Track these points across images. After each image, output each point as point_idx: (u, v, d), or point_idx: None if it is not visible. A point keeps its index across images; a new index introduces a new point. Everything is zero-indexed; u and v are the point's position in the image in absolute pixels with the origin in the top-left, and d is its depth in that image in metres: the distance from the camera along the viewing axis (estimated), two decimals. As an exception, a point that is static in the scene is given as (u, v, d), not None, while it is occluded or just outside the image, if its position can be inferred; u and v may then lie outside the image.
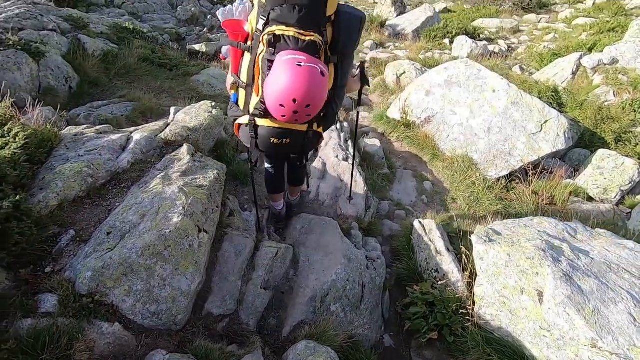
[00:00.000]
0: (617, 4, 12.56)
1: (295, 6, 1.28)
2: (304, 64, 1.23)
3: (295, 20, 1.30)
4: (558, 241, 2.04)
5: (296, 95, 1.23)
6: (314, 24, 1.33)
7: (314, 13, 1.32)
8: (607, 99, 4.99)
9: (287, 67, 1.23)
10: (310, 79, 1.23)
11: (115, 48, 4.44)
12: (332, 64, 1.46)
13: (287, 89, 1.23)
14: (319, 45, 1.34)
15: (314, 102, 1.28)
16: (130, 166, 2.05)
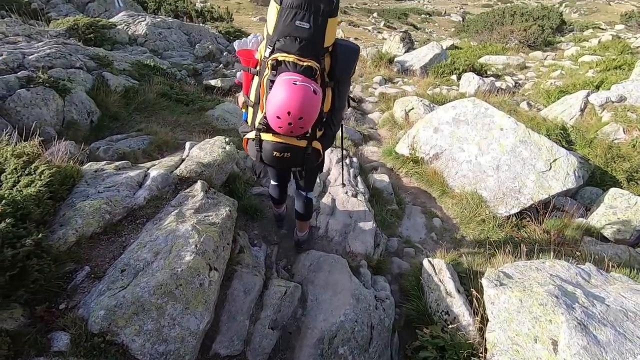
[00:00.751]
0: (622, 42, 12.83)
1: (297, 38, 1.51)
2: (298, 83, 1.44)
3: (296, 49, 1.51)
4: (571, 286, 2.00)
5: (290, 109, 1.43)
6: (312, 53, 1.53)
7: (313, 44, 1.53)
8: (616, 137, 5.00)
9: (284, 85, 1.45)
10: (303, 95, 1.43)
11: (136, 84, 4.68)
12: (329, 88, 1.67)
13: (283, 103, 1.43)
14: (314, 70, 1.53)
15: (306, 115, 1.47)
16: (146, 202, 2.12)
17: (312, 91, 1.45)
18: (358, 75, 10.10)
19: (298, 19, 1.49)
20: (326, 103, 1.67)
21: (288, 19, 1.50)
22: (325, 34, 1.53)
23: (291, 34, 1.51)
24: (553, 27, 17.44)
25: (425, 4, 61.58)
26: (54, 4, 8.99)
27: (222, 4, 22.58)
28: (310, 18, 1.48)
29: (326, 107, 1.69)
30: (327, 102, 1.68)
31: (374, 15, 34.66)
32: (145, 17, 8.25)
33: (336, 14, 1.54)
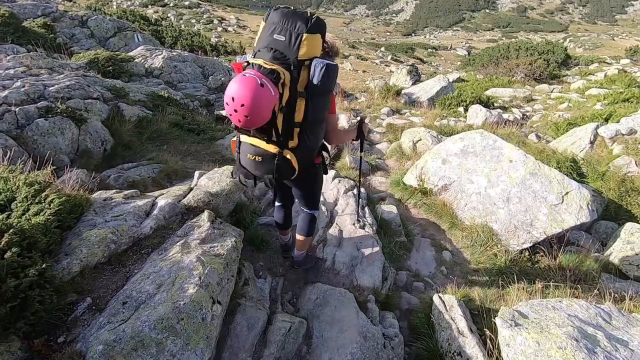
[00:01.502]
0: (629, 76, 12.95)
1: (272, 48, 1.68)
2: (248, 75, 1.54)
3: (268, 58, 1.66)
4: (592, 328, 1.90)
5: (234, 95, 1.52)
6: (282, 62, 1.66)
7: (284, 55, 1.66)
8: (629, 170, 4.93)
9: (236, 77, 1.56)
10: (247, 84, 1.51)
11: (149, 114, 4.83)
12: (302, 98, 1.71)
13: (229, 90, 1.54)
14: (277, 74, 1.62)
15: (247, 103, 1.51)
16: (152, 232, 2.11)
17: (258, 83, 1.51)
18: (366, 106, 10.30)
19: (276, 32, 1.68)
20: (298, 113, 1.72)
21: (268, 33, 1.70)
22: (300, 47, 1.65)
23: (269, 45, 1.69)
24: (558, 61, 17.76)
25: (431, 39, 63.63)
26: (77, 39, 9.51)
27: (236, 38, 23.68)
28: (287, 32, 1.66)
29: (298, 117, 1.73)
30: (298, 113, 1.73)
31: (382, 50, 35.82)
32: (162, 51, 8.65)
33: (314, 31, 1.67)
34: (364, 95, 12.09)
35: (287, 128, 1.74)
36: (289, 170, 1.83)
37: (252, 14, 39.90)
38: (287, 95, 1.68)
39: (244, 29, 30.33)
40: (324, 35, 1.76)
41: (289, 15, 1.68)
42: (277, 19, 1.69)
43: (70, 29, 9.67)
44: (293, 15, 1.67)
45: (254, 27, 30.56)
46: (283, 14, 1.68)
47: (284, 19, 1.67)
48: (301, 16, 1.67)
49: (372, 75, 18.87)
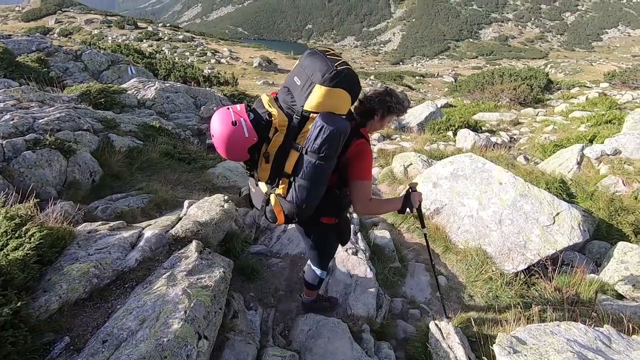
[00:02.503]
0: (609, 98, 13.43)
1: (288, 90, 1.65)
2: (229, 109, 1.57)
3: (281, 99, 1.66)
4: (592, 353, 1.84)
5: (211, 123, 1.59)
6: (288, 108, 1.62)
7: (293, 99, 1.60)
8: (617, 189, 4.99)
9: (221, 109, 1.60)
10: (221, 118, 1.55)
11: (140, 144, 4.83)
12: (295, 151, 1.61)
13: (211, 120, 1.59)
14: (269, 119, 1.59)
15: (216, 135, 1.56)
16: (137, 264, 2.05)
17: (231, 120, 1.52)
18: (357, 132, 10.45)
19: (297, 75, 1.60)
20: (288, 163, 1.61)
21: (293, 74, 1.64)
22: (309, 96, 1.52)
23: (287, 85, 1.66)
24: (541, 86, 18.40)
25: (418, 67, 65.88)
26: (70, 73, 9.65)
27: (229, 69, 24.26)
28: (304, 78, 1.56)
29: (288, 168, 1.62)
30: (289, 164, 1.61)
31: (371, 78, 36.88)
32: (154, 83, 8.80)
33: (328, 85, 1.49)
34: (354, 121, 12.32)
35: (274, 174, 1.65)
36: (272, 215, 1.73)
37: (244, 46, 41.11)
38: (279, 142, 1.59)
39: (236, 60, 31.13)
40: (352, 92, 1.57)
41: (313, 60, 1.56)
42: (306, 61, 1.58)
43: (64, 63, 9.83)
44: (317, 60, 1.54)
45: (247, 59, 31.41)
46: (312, 56, 1.58)
47: (310, 61, 1.56)
48: (324, 63, 1.51)
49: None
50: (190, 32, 44.04)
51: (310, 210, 1.69)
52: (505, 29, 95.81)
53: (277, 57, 35.54)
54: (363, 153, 1.75)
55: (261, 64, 28.52)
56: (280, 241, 3.57)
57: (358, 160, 1.74)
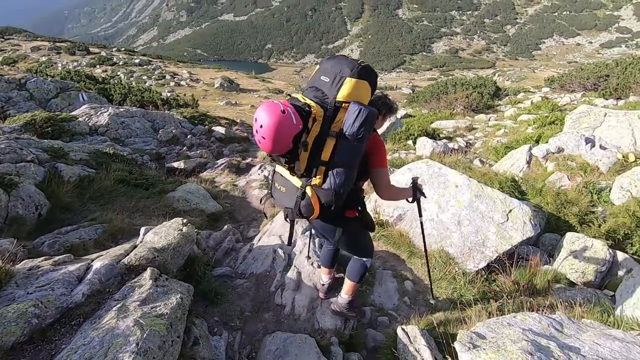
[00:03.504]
0: (551, 101, 14.53)
1: (316, 87, 1.79)
2: (275, 102, 1.64)
3: (310, 96, 1.79)
4: (545, 339, 1.93)
5: (257, 116, 1.65)
6: (320, 100, 1.75)
7: (324, 94, 1.75)
8: (562, 184, 5.35)
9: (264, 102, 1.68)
10: (270, 108, 1.62)
11: (92, 172, 4.60)
12: (332, 138, 1.74)
13: (257, 114, 1.66)
14: (309, 109, 1.71)
15: (266, 125, 1.61)
16: (85, 299, 1.92)
17: (280, 110, 1.60)
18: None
19: (323, 74, 1.79)
20: (325, 152, 1.73)
21: (317, 75, 1.82)
22: (340, 89, 1.71)
23: (314, 85, 1.81)
24: (490, 93, 19.60)
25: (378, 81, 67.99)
26: (14, 102, 9.10)
27: (189, 91, 23.88)
28: (332, 74, 1.74)
29: (325, 156, 1.74)
30: (326, 151, 1.73)
31: (333, 93, 37.58)
32: (108, 108, 8.47)
33: (359, 77, 1.72)
34: (318, 136, 12.47)
35: (312, 164, 1.75)
36: (308, 208, 1.78)
37: (205, 68, 40.78)
38: (317, 132, 1.72)
39: (197, 82, 30.76)
40: (372, 85, 1.79)
41: (338, 60, 1.78)
42: (327, 64, 1.80)
43: (6, 92, 9.26)
44: (341, 60, 1.77)
45: (207, 80, 31.12)
46: (333, 59, 1.80)
47: (333, 62, 1.78)
48: (349, 61, 1.75)
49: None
50: (147, 56, 43.10)
51: (344, 197, 1.81)
52: (454, 42, 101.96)
53: (239, 77, 35.52)
54: (378, 143, 1.99)
55: (223, 84, 28.37)
56: (245, 261, 3.49)
57: (376, 150, 1.95)
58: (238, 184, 6.00)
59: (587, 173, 5.64)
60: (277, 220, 4.07)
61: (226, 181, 6.06)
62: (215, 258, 3.63)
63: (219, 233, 4.01)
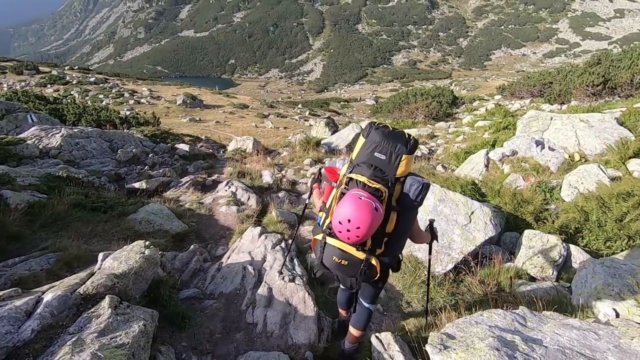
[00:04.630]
0: (503, 108, 15.47)
1: (372, 165, 1.84)
2: (363, 198, 1.68)
3: (369, 174, 1.81)
4: (510, 334, 2.00)
5: (351, 217, 1.65)
6: (382, 179, 1.82)
7: (384, 173, 1.83)
8: (518, 185, 5.68)
9: (351, 198, 1.69)
10: (365, 208, 1.65)
11: (43, 198, 4.30)
12: (395, 212, 1.86)
13: (346, 211, 1.66)
14: (380, 193, 1.78)
15: (363, 226, 1.65)
16: (34, 335, 1.76)
17: (373, 207, 1.67)
18: (289, 159, 10.57)
19: (377, 151, 1.85)
20: (389, 224, 1.86)
21: (369, 150, 1.87)
22: (399, 166, 1.83)
23: (368, 161, 1.85)
24: (449, 102, 20.59)
25: (342, 93, 69.72)
26: (-48, 127, 8.38)
27: (150, 109, 23.15)
28: (387, 152, 1.84)
29: (389, 228, 1.87)
30: (390, 224, 1.86)
31: (299, 106, 38.00)
32: (60, 129, 8.00)
33: (411, 153, 1.86)
34: (286, 150, 12.46)
35: (378, 238, 1.85)
36: (372, 274, 1.95)
37: (166, 85, 39.82)
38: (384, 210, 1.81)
39: (158, 99, 29.91)
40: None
41: (390, 136, 1.86)
42: (378, 138, 1.86)
43: (-58, 116, 8.52)
44: (394, 137, 1.86)
45: (169, 97, 30.36)
46: (385, 135, 1.86)
47: (386, 139, 1.85)
48: (401, 138, 1.85)
49: (293, 131, 19.70)
50: (103, 74, 41.47)
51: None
52: (412, 55, 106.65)
53: (202, 93, 34.96)
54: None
55: (185, 101, 27.77)
56: (214, 281, 3.38)
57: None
58: (204, 201, 5.83)
59: (539, 173, 6.02)
60: (246, 237, 3.99)
61: (191, 199, 5.88)
62: (182, 280, 3.49)
63: (185, 254, 3.86)
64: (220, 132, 19.35)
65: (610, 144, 5.72)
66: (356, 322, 2.44)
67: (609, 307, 2.50)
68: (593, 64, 14.37)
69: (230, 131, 20.08)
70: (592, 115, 6.80)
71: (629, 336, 1.99)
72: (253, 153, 11.16)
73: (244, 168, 8.02)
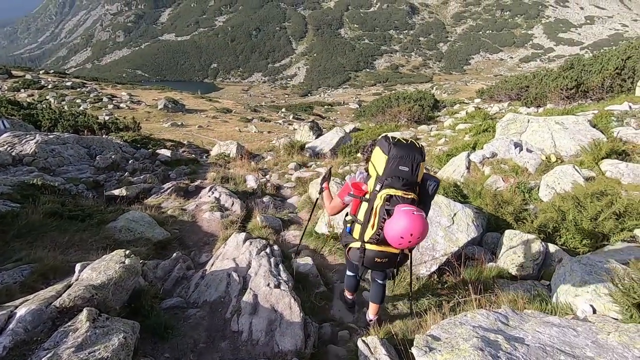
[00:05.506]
0: (483, 111, 15.85)
1: (400, 177, 2.15)
2: (416, 213, 2.00)
3: (400, 186, 2.14)
4: (493, 334, 2.04)
5: (413, 232, 1.98)
6: (411, 188, 2.17)
7: (411, 182, 2.18)
8: (498, 186, 5.81)
9: (406, 214, 1.99)
10: (421, 221, 2.00)
11: (16, 207, 4.12)
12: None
13: (408, 227, 1.97)
14: (414, 200, 2.17)
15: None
16: (6, 353, 1.68)
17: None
18: (273, 164, 10.52)
19: (401, 164, 2.15)
20: None
21: (394, 165, 2.15)
22: (419, 174, 2.20)
23: (395, 174, 2.15)
24: (430, 105, 20.95)
25: (326, 97, 70.03)
26: None
27: (130, 114, 22.65)
28: (410, 164, 2.15)
29: None
30: None
31: (283, 110, 37.92)
32: (35, 136, 7.72)
33: (424, 159, 2.22)
34: (270, 154, 12.40)
35: None
36: (405, 260, 2.49)
37: (146, 89, 39.05)
38: None
39: (138, 104, 29.29)
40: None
41: (410, 149, 2.18)
42: (400, 153, 2.15)
43: None
44: (412, 149, 2.18)
45: (150, 102, 29.79)
46: (404, 149, 2.17)
47: (406, 153, 2.15)
48: (416, 148, 2.20)
49: (277, 135, 19.63)
50: (81, 78, 40.32)
51: None
52: (394, 59, 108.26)
53: (184, 98, 34.47)
54: None
55: (167, 105, 27.32)
56: (198, 289, 3.31)
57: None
58: (187, 207, 5.73)
59: (518, 174, 6.19)
60: (230, 243, 3.93)
61: (174, 206, 5.76)
62: (165, 289, 3.40)
63: (167, 262, 3.78)
64: (203, 137, 19.11)
65: (584, 146, 5.94)
66: (376, 297, 2.91)
67: (586, 303, 2.58)
68: (566, 69, 14.93)
69: (213, 136, 19.85)
70: (566, 118, 7.04)
71: (606, 331, 2.06)
72: (237, 158, 11.06)
73: (228, 173, 7.93)
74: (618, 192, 4.17)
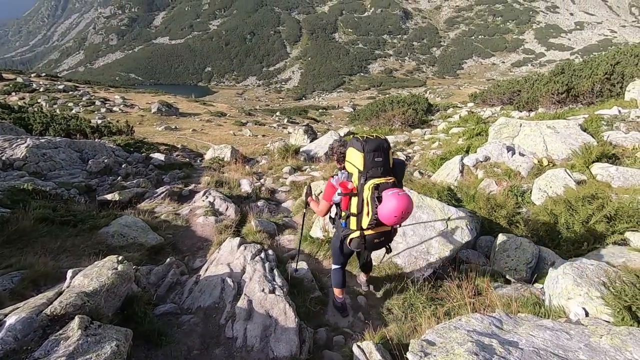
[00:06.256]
0: (476, 115, 15.98)
1: (378, 167, 2.52)
2: (400, 194, 2.39)
3: (380, 173, 2.52)
4: (487, 338, 2.05)
5: (404, 209, 2.36)
6: (387, 173, 2.55)
7: (387, 168, 2.56)
8: (491, 189, 5.86)
9: (394, 197, 2.38)
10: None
11: (6, 213, 4.06)
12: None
13: (399, 207, 2.35)
14: (395, 183, 2.54)
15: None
16: (-5, 363, 1.65)
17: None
18: (267, 168, 10.49)
19: (376, 156, 2.51)
20: None
21: (371, 158, 2.50)
22: (390, 159, 2.59)
23: (375, 166, 2.51)
24: (424, 109, 21.10)
25: (320, 101, 70.22)
26: None
27: (123, 117, 22.47)
28: (382, 154, 2.53)
29: None
30: None
31: (277, 114, 37.92)
32: (26, 140, 7.63)
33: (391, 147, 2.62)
34: (264, 158, 12.37)
35: None
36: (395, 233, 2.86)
37: (140, 92, 38.83)
38: None
39: (131, 107, 29.10)
40: None
41: (379, 142, 2.54)
42: (372, 147, 2.50)
43: None
44: (380, 141, 2.55)
45: (143, 105, 29.59)
46: (374, 142, 2.52)
47: (377, 145, 2.52)
48: (383, 140, 2.57)
49: (271, 139, 19.60)
50: (73, 81, 39.98)
51: None
52: (388, 63, 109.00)
53: (178, 101, 34.32)
54: None
55: (160, 109, 27.15)
56: (192, 295, 3.28)
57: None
58: (181, 212, 5.68)
59: (511, 178, 6.25)
60: (224, 248, 3.91)
61: (167, 210, 5.71)
62: (158, 295, 3.37)
63: (161, 267, 3.74)
64: (197, 141, 19.02)
65: (575, 149, 6.02)
66: (368, 268, 3.58)
67: (579, 306, 2.60)
68: (557, 73, 15.15)
69: (207, 139, 19.77)
70: (557, 122, 7.13)
71: (598, 334, 2.08)
72: (231, 162, 11.02)
73: (222, 177, 7.90)
74: (609, 195, 4.23)
